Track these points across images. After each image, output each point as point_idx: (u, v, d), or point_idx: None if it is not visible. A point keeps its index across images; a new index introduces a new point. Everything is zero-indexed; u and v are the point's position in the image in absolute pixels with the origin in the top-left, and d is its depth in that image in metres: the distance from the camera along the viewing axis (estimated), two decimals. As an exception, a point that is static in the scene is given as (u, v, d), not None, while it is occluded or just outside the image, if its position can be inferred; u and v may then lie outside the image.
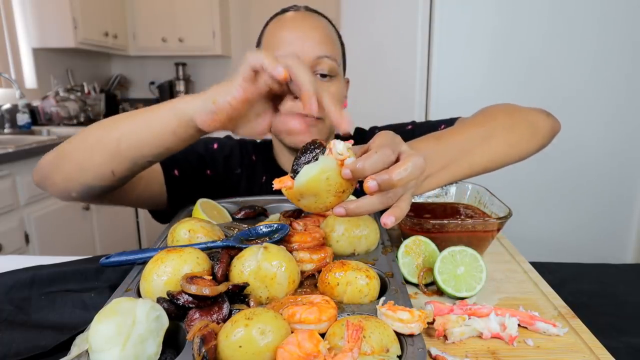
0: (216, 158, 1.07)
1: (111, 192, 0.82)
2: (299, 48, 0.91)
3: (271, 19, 1.02)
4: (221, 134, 0.95)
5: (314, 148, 0.57)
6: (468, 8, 1.73)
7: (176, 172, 1.00)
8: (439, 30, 1.76)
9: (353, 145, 0.59)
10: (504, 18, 1.73)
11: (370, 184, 0.54)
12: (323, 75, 0.95)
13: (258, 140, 1.17)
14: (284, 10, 1.01)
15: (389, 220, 0.56)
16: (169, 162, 1.00)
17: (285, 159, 1.08)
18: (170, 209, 1.01)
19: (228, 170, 1.08)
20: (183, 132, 0.68)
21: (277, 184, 0.59)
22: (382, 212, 0.87)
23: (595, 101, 1.75)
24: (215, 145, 1.09)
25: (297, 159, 0.58)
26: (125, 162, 0.74)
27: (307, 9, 1.02)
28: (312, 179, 0.56)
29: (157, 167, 0.98)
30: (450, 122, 1.03)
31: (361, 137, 1.15)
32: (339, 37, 1.03)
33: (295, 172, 0.57)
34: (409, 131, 1.10)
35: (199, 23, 3.81)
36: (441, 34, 1.76)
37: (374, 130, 1.15)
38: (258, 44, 1.03)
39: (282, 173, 1.07)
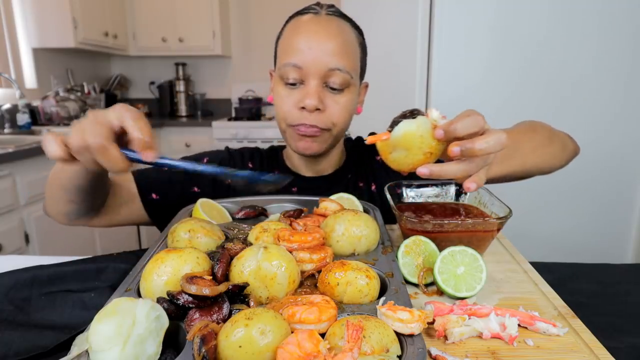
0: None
1: (94, 214, 0.95)
2: (310, 58, 0.90)
3: (292, 17, 0.99)
4: (214, 147, 0.97)
5: (414, 112, 0.64)
6: (468, 8, 1.73)
7: (154, 195, 1.01)
8: (438, 30, 1.76)
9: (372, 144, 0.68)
10: (504, 17, 1.72)
11: (454, 149, 0.60)
12: (333, 89, 0.93)
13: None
14: (305, 10, 0.97)
15: (472, 185, 0.62)
16: (145, 188, 1.01)
17: (296, 162, 1.09)
18: (159, 226, 1.03)
19: (216, 184, 1.04)
20: (81, 174, 0.78)
21: (371, 138, 0.66)
22: (382, 212, 0.88)
23: (595, 100, 1.75)
24: (205, 160, 1.08)
25: (396, 120, 0.64)
26: (71, 192, 0.85)
27: (330, 8, 0.97)
28: (408, 133, 0.62)
29: (135, 192, 1.01)
30: None
31: (366, 146, 1.15)
32: (362, 40, 1.00)
33: (392, 128, 0.63)
34: None
35: (199, 23, 3.81)
36: (441, 34, 1.76)
37: None
38: (277, 41, 1.01)
39: (286, 172, 1.08)
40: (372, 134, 1.05)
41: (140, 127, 0.62)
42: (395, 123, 0.64)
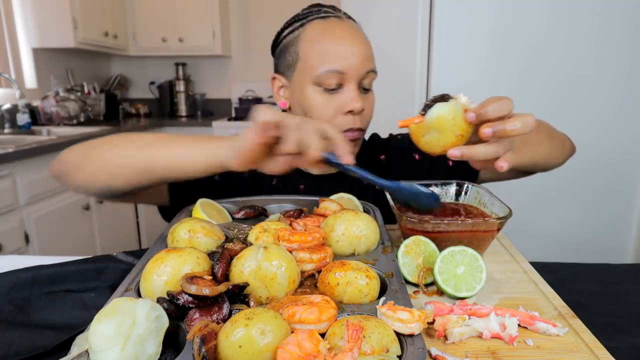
0: None
1: (129, 194, 0.89)
2: (353, 63, 0.91)
3: (306, 20, 0.96)
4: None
5: (444, 97, 0.67)
6: (468, 8, 1.73)
7: None
8: (438, 30, 1.76)
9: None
10: (503, 17, 1.73)
11: (486, 130, 0.62)
12: (365, 89, 0.97)
13: None
14: (323, 14, 0.96)
15: (505, 164, 0.65)
16: None
17: None
18: (171, 206, 1.02)
19: (236, 174, 1.04)
20: (212, 169, 0.76)
21: (403, 121, 0.69)
22: (382, 212, 0.87)
23: (594, 100, 1.75)
24: None
25: (428, 104, 0.67)
26: (154, 178, 0.81)
27: (345, 14, 0.99)
28: (442, 115, 0.65)
29: None
30: None
31: (380, 143, 1.17)
32: None
33: (425, 111, 0.66)
34: None
35: (199, 23, 3.81)
36: (441, 34, 1.76)
37: (395, 138, 1.17)
38: (280, 42, 1.00)
39: (297, 175, 1.07)
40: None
41: (343, 139, 0.69)
42: (427, 106, 0.66)
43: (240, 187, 1.04)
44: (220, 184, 1.03)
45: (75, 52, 3.57)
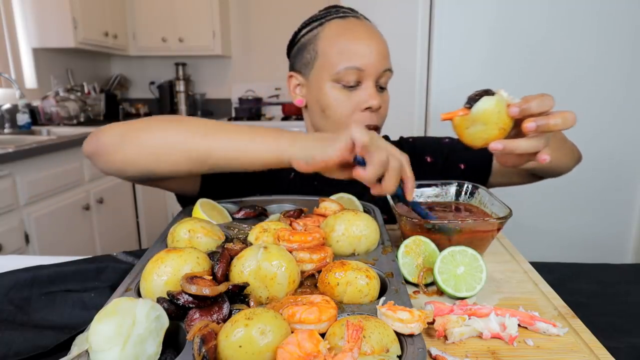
0: None
1: (165, 179, 0.87)
2: (372, 61, 0.94)
3: (325, 19, 0.99)
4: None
5: (487, 92, 0.68)
6: (468, 8, 1.73)
7: None
8: (438, 30, 1.76)
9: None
10: (503, 17, 1.72)
11: (530, 124, 0.64)
12: (381, 88, 0.98)
13: None
14: (342, 14, 0.99)
15: (547, 157, 0.67)
16: None
17: None
18: (198, 196, 1.01)
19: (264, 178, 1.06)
20: (274, 164, 0.76)
21: (446, 114, 0.70)
22: (382, 212, 0.88)
23: (594, 100, 1.75)
24: None
25: (472, 97, 0.68)
26: (204, 167, 0.80)
27: (362, 15, 1.02)
28: (489, 108, 0.66)
29: None
30: None
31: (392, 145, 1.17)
32: None
33: (470, 104, 0.68)
34: (447, 144, 1.13)
35: (199, 23, 3.81)
36: (441, 34, 1.76)
37: (407, 141, 1.18)
38: (298, 41, 1.01)
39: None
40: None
41: (413, 178, 0.73)
42: (472, 99, 0.68)
43: (261, 180, 1.05)
44: (244, 176, 1.02)
45: (75, 52, 3.57)
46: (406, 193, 0.73)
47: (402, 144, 1.17)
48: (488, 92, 0.67)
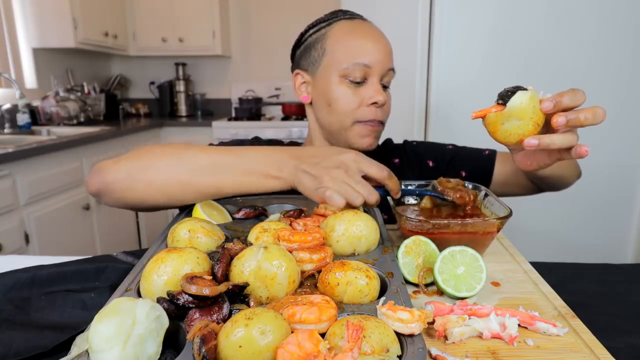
0: None
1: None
2: (379, 58, 0.98)
3: (333, 20, 1.03)
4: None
5: (519, 88, 0.67)
6: (468, 8, 1.73)
7: None
8: (438, 30, 1.76)
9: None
10: (503, 17, 1.73)
11: (559, 119, 0.63)
12: (384, 87, 1.02)
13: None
14: (349, 16, 1.03)
15: (585, 150, 0.67)
16: None
17: None
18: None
19: None
20: (279, 189, 0.81)
21: (478, 112, 0.69)
22: (382, 212, 0.88)
23: (595, 100, 1.73)
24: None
25: (504, 94, 0.67)
26: (209, 197, 0.84)
27: (366, 18, 1.06)
28: (525, 103, 0.65)
29: None
30: (492, 151, 1.11)
31: (394, 147, 1.19)
32: None
33: (504, 100, 0.67)
34: (450, 151, 1.15)
35: (199, 23, 3.81)
36: (441, 34, 1.76)
37: (410, 144, 1.20)
38: (304, 40, 1.05)
39: None
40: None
41: (395, 182, 0.79)
42: (504, 96, 0.67)
43: None
44: None
45: (75, 52, 3.57)
46: (391, 193, 0.77)
47: (406, 146, 1.18)
48: (520, 88, 0.67)
